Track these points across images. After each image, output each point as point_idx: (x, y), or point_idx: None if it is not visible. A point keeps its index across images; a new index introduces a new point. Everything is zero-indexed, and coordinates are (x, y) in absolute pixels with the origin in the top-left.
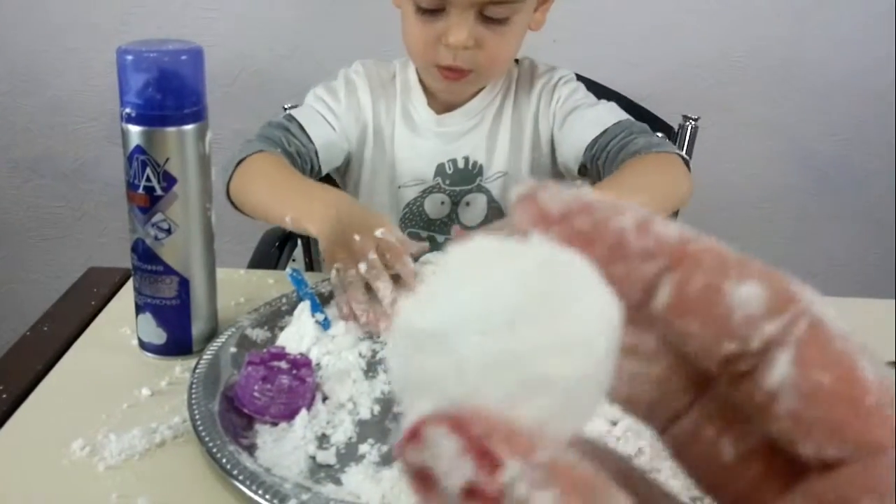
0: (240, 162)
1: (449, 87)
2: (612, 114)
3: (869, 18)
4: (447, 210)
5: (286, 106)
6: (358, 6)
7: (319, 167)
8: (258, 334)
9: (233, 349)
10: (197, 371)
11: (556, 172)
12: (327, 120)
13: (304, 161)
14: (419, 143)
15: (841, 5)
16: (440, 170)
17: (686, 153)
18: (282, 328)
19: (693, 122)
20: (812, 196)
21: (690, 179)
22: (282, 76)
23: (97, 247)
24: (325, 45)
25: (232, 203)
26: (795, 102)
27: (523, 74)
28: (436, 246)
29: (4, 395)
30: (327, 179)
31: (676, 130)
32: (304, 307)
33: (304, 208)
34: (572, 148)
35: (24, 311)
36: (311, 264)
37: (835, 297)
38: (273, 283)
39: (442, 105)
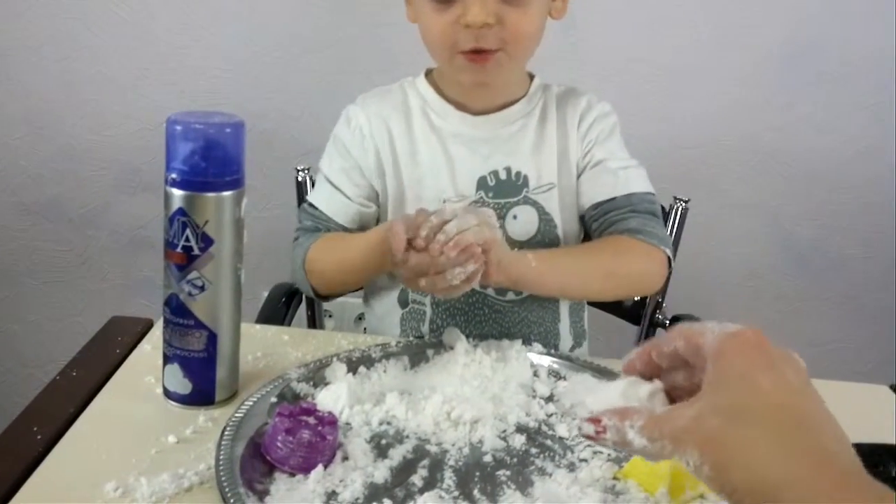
0: (304, 266)
1: (477, 75)
2: (630, 183)
3: (852, 110)
4: None
5: (299, 168)
6: (368, 75)
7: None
8: (302, 388)
9: (273, 399)
10: (235, 415)
11: None
12: (344, 193)
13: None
14: (456, 152)
15: (825, 97)
16: (482, 183)
17: (676, 232)
18: (327, 385)
19: (684, 204)
20: (791, 277)
21: (660, 272)
22: (289, 135)
23: (96, 293)
24: (332, 109)
25: (325, 297)
26: (779, 187)
27: (562, 95)
28: None
29: (39, 437)
30: None
31: (668, 210)
32: (337, 368)
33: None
34: (582, 198)
35: (21, 352)
36: (314, 320)
37: (813, 378)
38: (288, 340)
39: (473, 112)
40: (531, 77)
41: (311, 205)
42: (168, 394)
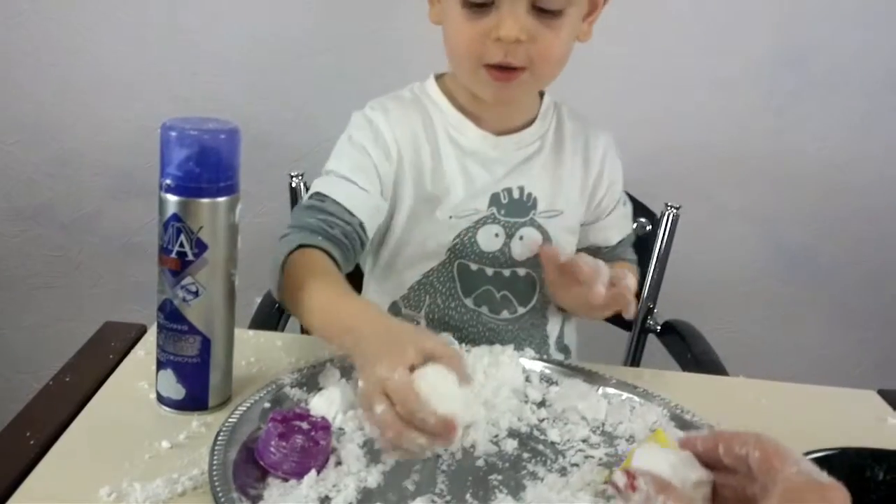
0: (283, 265)
1: (499, 91)
2: (626, 223)
3: (844, 117)
4: (500, 243)
5: (293, 174)
6: (363, 80)
7: (367, 237)
8: (295, 393)
9: (267, 404)
10: (228, 420)
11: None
12: (360, 186)
13: (351, 240)
14: (472, 169)
15: (817, 103)
16: (494, 199)
17: (667, 238)
18: (320, 390)
19: (675, 210)
20: (782, 283)
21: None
22: (284, 141)
23: (89, 298)
24: (327, 115)
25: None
26: (770, 193)
27: (578, 126)
28: (484, 279)
29: (32, 442)
30: None
31: (659, 216)
32: (331, 373)
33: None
34: (600, 234)
35: (14, 358)
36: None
37: (802, 383)
38: (281, 345)
39: (491, 130)
40: (541, 94)
41: (319, 196)
42: (161, 399)
